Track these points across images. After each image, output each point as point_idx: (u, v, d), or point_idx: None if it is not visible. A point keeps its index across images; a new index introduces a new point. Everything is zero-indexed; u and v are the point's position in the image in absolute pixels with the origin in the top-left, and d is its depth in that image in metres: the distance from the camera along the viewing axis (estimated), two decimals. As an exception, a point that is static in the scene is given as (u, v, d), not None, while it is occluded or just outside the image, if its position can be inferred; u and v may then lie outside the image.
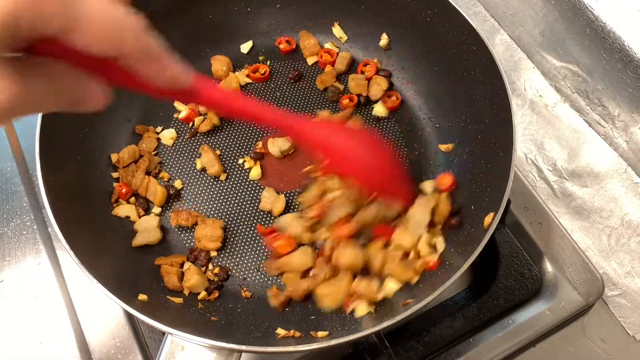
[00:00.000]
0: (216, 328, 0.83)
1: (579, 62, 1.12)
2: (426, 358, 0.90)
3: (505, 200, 0.80)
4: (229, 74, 1.11)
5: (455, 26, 0.97)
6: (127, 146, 1.01)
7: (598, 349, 0.95)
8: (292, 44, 1.15)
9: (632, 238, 1.03)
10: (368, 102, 1.10)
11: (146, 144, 1.03)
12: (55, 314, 0.94)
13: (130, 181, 0.97)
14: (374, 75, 1.12)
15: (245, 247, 0.95)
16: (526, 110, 1.19)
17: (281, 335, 0.80)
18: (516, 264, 0.98)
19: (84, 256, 0.76)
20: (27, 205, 1.04)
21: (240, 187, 1.01)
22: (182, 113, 1.06)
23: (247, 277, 0.92)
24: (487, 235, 0.78)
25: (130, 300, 0.74)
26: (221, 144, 1.05)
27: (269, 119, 0.70)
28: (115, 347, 0.91)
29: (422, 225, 0.89)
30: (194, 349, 0.72)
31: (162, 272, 0.89)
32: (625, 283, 1.00)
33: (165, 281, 0.88)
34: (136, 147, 1.01)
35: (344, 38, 1.16)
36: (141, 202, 0.97)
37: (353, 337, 0.72)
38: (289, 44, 1.15)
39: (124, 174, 0.98)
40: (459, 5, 0.96)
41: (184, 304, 0.86)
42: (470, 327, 0.93)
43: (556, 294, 0.97)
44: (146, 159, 0.99)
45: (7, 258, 0.99)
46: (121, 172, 0.98)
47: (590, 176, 1.10)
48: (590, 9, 1.04)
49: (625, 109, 1.06)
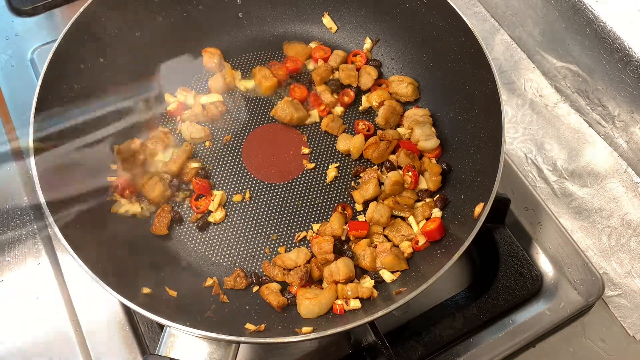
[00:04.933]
0: (214, 320, 0.83)
1: (579, 62, 1.12)
2: (426, 358, 0.90)
3: (495, 189, 0.81)
4: (220, 65, 1.11)
5: (444, 17, 0.98)
6: (127, 140, 1.01)
7: (598, 349, 0.95)
8: (297, 63, 1.13)
9: (632, 238, 1.03)
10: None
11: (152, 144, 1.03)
12: (55, 314, 0.94)
13: (129, 175, 0.97)
14: (363, 65, 1.12)
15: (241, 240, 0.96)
16: (526, 110, 1.19)
17: (251, 330, 0.80)
18: (516, 264, 0.98)
19: (84, 254, 0.76)
20: (27, 205, 1.04)
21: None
22: (172, 105, 1.07)
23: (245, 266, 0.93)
24: (478, 224, 0.79)
25: (130, 296, 0.75)
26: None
27: None
28: (115, 347, 0.91)
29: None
30: (193, 341, 0.72)
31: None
32: (625, 283, 1.00)
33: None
34: (137, 140, 1.01)
35: (334, 28, 1.17)
36: (141, 197, 0.97)
37: (349, 326, 0.73)
38: (295, 64, 1.13)
39: (123, 168, 0.97)
40: (459, 5, 0.96)
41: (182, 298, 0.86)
42: (470, 327, 0.93)
43: (556, 294, 0.97)
44: (141, 152, 0.99)
45: (7, 258, 0.99)
46: (120, 166, 0.98)
47: (590, 176, 1.10)
48: (590, 9, 1.04)
49: (625, 109, 1.06)
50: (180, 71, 1.12)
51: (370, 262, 0.90)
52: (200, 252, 0.95)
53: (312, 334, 0.75)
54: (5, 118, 1.15)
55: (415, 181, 0.97)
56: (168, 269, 0.91)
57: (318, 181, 1.02)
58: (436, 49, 1.04)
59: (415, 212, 0.95)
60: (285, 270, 0.91)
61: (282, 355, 0.93)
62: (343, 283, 0.87)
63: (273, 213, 0.99)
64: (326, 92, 1.10)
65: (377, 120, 1.07)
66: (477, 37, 0.93)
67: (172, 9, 1.09)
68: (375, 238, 0.94)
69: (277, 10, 1.17)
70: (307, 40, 1.16)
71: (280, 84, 1.12)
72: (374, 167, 1.02)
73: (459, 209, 0.92)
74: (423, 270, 0.86)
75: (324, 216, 0.99)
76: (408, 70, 1.12)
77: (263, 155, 1.05)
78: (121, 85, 1.04)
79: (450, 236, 0.89)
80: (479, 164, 0.92)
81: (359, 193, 0.98)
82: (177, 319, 0.72)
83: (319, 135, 1.07)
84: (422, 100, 1.10)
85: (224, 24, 1.15)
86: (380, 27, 1.13)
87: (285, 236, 0.97)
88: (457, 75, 1.00)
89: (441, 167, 0.99)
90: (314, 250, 0.92)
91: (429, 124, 1.04)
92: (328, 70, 1.11)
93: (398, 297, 0.79)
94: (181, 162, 1.00)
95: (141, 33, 1.06)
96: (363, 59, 1.14)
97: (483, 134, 0.93)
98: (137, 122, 1.05)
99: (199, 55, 1.12)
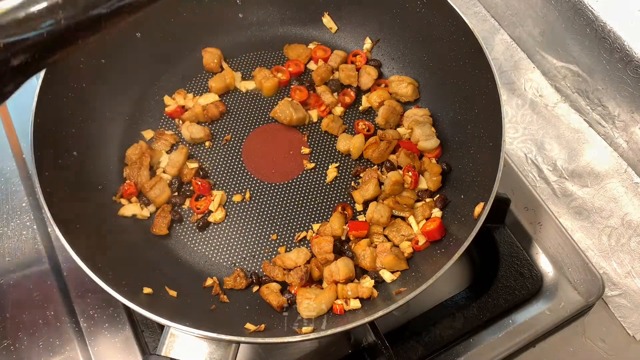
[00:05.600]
0: (214, 320, 0.83)
1: (579, 62, 1.12)
2: (426, 358, 0.91)
3: (495, 189, 0.81)
4: (220, 66, 1.11)
5: (444, 17, 0.99)
6: (134, 144, 1.01)
7: (598, 349, 0.95)
8: (299, 66, 1.13)
9: (632, 238, 1.03)
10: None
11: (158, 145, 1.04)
12: (55, 314, 0.94)
13: (136, 179, 0.98)
14: (363, 65, 1.12)
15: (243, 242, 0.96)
16: (526, 110, 1.19)
17: (251, 330, 0.80)
18: (516, 264, 0.98)
19: (84, 254, 0.76)
20: (27, 205, 1.04)
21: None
22: (170, 107, 1.07)
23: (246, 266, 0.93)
24: (478, 224, 0.79)
25: (130, 296, 0.75)
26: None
27: None
28: (114, 346, 0.91)
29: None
30: (193, 341, 0.73)
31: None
32: (625, 283, 1.00)
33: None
34: (144, 143, 1.02)
35: (334, 28, 1.17)
36: (144, 199, 0.97)
37: (350, 326, 0.73)
38: (297, 67, 1.13)
39: (131, 172, 0.98)
40: (459, 5, 0.96)
41: (182, 298, 0.86)
42: (470, 327, 0.93)
43: (556, 294, 0.97)
44: (147, 155, 1.00)
45: (7, 258, 0.99)
46: (128, 170, 0.99)
47: (590, 176, 1.10)
48: (590, 9, 1.04)
49: (625, 109, 1.06)
50: (180, 71, 1.12)
51: (370, 262, 0.90)
52: (200, 252, 0.95)
53: (312, 334, 0.75)
54: (5, 118, 1.15)
55: (415, 181, 0.97)
56: (168, 269, 0.92)
57: (318, 181, 1.02)
58: (436, 49, 1.04)
59: (415, 212, 0.95)
60: (285, 270, 0.91)
61: (282, 355, 0.93)
62: (343, 283, 0.87)
63: (273, 213, 0.99)
64: (326, 92, 1.10)
65: (377, 120, 1.07)
66: (477, 37, 0.93)
67: (173, 9, 1.09)
68: (375, 238, 0.94)
69: (277, 10, 1.17)
70: (307, 41, 1.16)
71: (281, 84, 1.12)
72: (374, 167, 1.02)
73: (459, 209, 0.92)
74: (423, 270, 0.86)
75: (324, 216, 0.99)
76: (408, 70, 1.12)
77: (263, 155, 1.05)
78: (121, 85, 1.04)
79: (450, 236, 0.89)
80: (479, 164, 0.93)
81: (359, 193, 0.98)
82: (177, 319, 0.72)
83: (319, 135, 1.07)
84: (422, 100, 1.10)
85: (224, 24, 1.15)
86: (380, 27, 1.13)
87: (285, 236, 0.97)
88: (457, 75, 1.00)
89: (441, 167, 0.99)
90: (314, 250, 0.92)
91: (429, 124, 1.04)
92: (328, 70, 1.12)
93: (398, 297, 0.79)
94: (180, 165, 1.00)
95: (141, 34, 1.06)
96: (363, 59, 1.14)
97: (483, 134, 0.93)
98: (138, 124, 1.06)
99: (199, 55, 1.12)
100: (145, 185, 0.97)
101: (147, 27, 1.06)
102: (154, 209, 0.98)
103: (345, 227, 0.95)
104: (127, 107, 1.06)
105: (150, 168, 1.00)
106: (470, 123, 0.97)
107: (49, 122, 0.87)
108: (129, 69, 1.05)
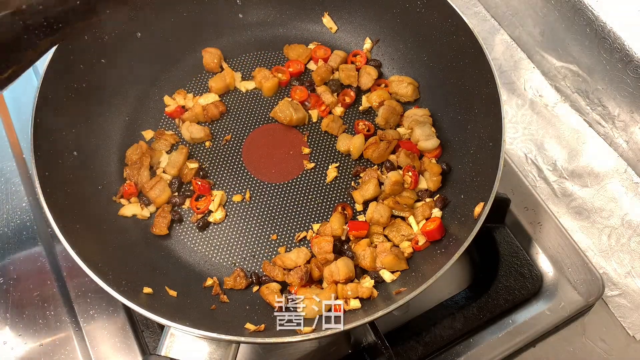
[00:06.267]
0: (214, 320, 0.83)
1: (579, 62, 1.12)
2: (426, 358, 0.91)
3: (495, 189, 0.81)
4: (220, 66, 1.11)
5: (444, 17, 0.99)
6: (134, 144, 1.01)
7: (598, 349, 0.95)
8: (300, 66, 1.13)
9: (632, 238, 1.03)
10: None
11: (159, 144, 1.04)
12: (55, 314, 0.94)
13: (137, 179, 0.98)
14: (363, 65, 1.12)
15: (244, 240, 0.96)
16: (526, 110, 1.19)
17: (251, 330, 0.80)
18: (516, 264, 0.98)
19: (84, 254, 0.76)
20: (27, 205, 1.04)
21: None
22: (170, 107, 1.07)
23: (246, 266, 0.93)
24: (478, 224, 0.79)
25: (130, 296, 0.75)
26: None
27: None
28: (115, 347, 0.91)
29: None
30: (193, 341, 0.73)
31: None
32: (625, 283, 1.00)
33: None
34: (144, 143, 1.02)
35: (334, 28, 1.17)
36: (144, 199, 0.97)
37: (350, 326, 0.74)
38: (297, 67, 1.13)
39: (131, 172, 0.98)
40: (459, 5, 0.96)
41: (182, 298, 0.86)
42: (470, 327, 0.93)
43: (556, 294, 0.97)
44: (147, 155, 1.00)
45: (7, 258, 0.99)
46: (128, 170, 0.99)
47: (590, 176, 1.10)
48: (590, 9, 1.04)
49: (625, 109, 1.06)
50: (180, 71, 1.12)
51: (370, 262, 0.90)
52: (200, 252, 0.95)
53: (312, 334, 0.75)
54: (5, 118, 1.15)
55: (415, 181, 0.97)
56: (168, 269, 0.92)
57: (318, 181, 1.02)
58: (436, 49, 1.04)
59: (415, 212, 0.95)
60: (285, 270, 0.91)
61: (282, 355, 0.93)
62: (343, 283, 0.87)
63: (273, 213, 0.99)
64: (326, 92, 1.10)
65: (377, 120, 1.07)
66: (477, 37, 0.93)
67: (173, 9, 1.09)
68: (375, 238, 0.94)
69: (277, 10, 1.17)
70: (307, 41, 1.16)
71: (281, 84, 1.12)
72: (374, 167, 1.02)
73: (459, 209, 0.92)
74: (423, 270, 0.86)
75: (324, 216, 0.99)
76: (408, 70, 1.12)
77: (263, 155, 1.05)
78: (121, 85, 1.04)
79: (450, 236, 0.89)
80: (479, 164, 0.93)
81: (359, 193, 0.98)
82: (177, 319, 0.72)
83: (319, 135, 1.07)
84: (422, 100, 1.10)
85: (224, 24, 1.15)
86: (380, 27, 1.13)
87: (285, 236, 0.97)
88: (457, 75, 1.00)
89: (441, 167, 0.99)
90: (314, 250, 0.92)
91: (429, 124, 1.04)
92: (328, 70, 1.11)
93: (398, 297, 0.79)
94: (180, 165, 1.00)
95: (142, 33, 1.06)
96: (363, 59, 1.14)
97: (483, 134, 0.93)
98: (138, 124, 1.06)
99: (199, 55, 1.12)
100: (145, 186, 0.97)
101: (147, 27, 1.06)
102: (154, 209, 0.98)
103: (345, 227, 0.95)
104: (127, 107, 1.06)
105: (150, 168, 1.00)
106: (470, 123, 0.97)
107: (49, 122, 0.87)
108: (129, 69, 1.05)
